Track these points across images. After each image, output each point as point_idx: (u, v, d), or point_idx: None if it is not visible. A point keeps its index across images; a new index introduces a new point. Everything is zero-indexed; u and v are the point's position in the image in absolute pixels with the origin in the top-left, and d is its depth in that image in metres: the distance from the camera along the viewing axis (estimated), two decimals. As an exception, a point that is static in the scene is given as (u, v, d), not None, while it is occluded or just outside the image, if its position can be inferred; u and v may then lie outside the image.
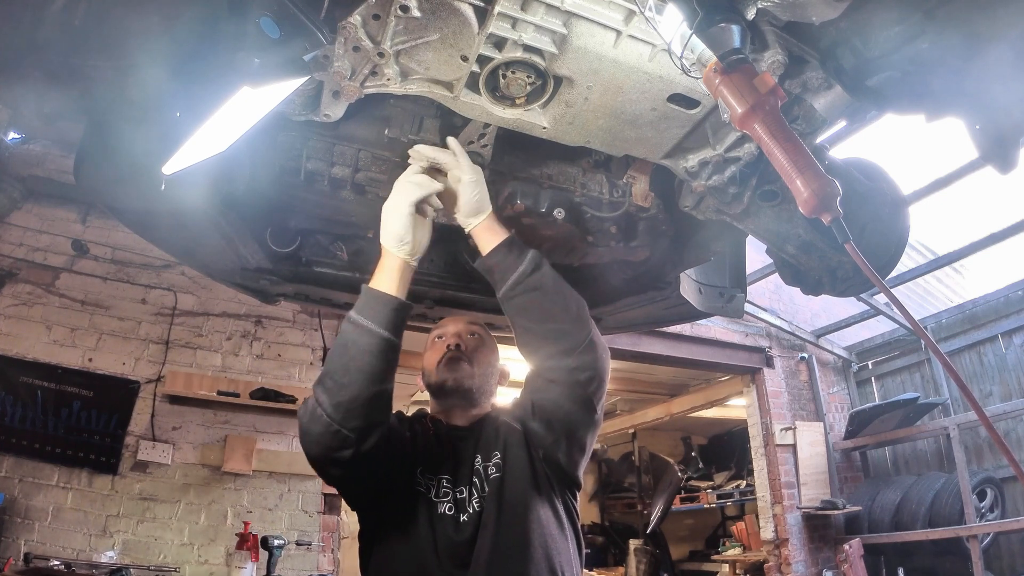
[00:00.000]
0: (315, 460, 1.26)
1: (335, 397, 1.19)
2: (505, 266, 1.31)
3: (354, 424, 1.19)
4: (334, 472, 1.28)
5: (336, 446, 1.20)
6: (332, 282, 1.71)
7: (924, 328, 0.97)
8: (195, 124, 1.09)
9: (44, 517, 3.25)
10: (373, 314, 1.23)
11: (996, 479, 4.98)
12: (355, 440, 1.20)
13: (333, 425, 1.18)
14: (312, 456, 1.25)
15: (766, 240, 1.50)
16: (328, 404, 1.19)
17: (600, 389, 1.37)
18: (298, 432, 1.27)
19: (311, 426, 1.21)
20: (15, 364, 3.39)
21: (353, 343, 1.21)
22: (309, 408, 1.22)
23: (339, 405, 1.18)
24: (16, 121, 2.43)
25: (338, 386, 1.19)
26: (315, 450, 1.24)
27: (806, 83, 1.13)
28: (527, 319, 1.33)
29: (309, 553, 3.68)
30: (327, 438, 1.20)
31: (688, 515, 7.65)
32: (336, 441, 1.20)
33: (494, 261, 1.32)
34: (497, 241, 1.32)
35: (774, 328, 5.86)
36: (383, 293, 1.25)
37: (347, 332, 1.23)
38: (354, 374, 1.19)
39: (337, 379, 1.20)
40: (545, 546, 1.27)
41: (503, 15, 1.04)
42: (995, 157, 1.06)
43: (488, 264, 1.34)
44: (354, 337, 1.22)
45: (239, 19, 0.95)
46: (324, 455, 1.23)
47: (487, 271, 1.35)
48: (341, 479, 1.32)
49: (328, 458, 1.23)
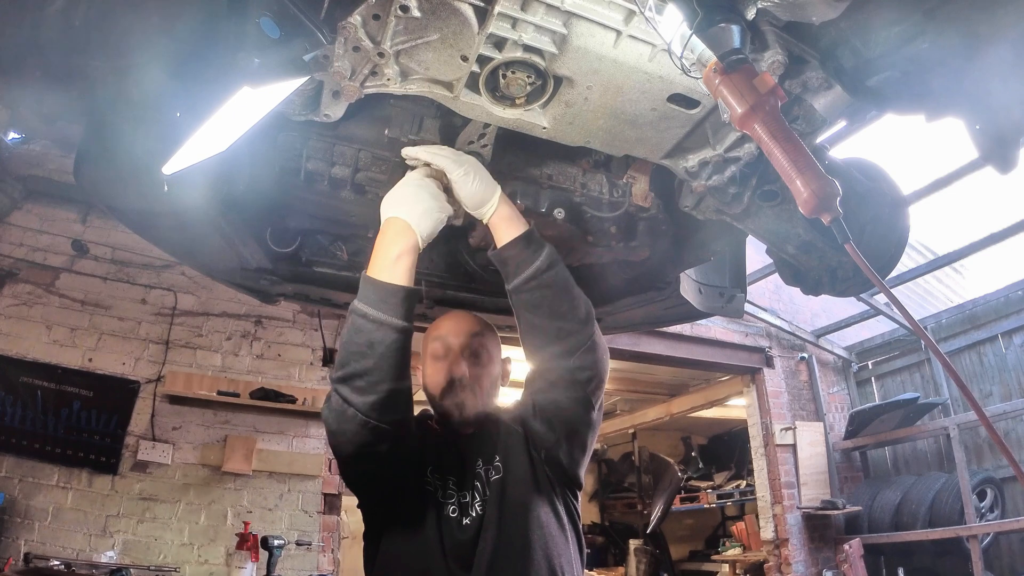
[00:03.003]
0: (350, 458, 1.26)
1: (369, 395, 1.18)
2: (521, 259, 1.30)
3: (391, 417, 1.20)
4: (368, 468, 1.27)
5: (373, 441, 1.20)
6: (332, 282, 1.71)
7: (924, 328, 0.97)
8: (195, 124, 1.09)
9: (44, 517, 3.25)
10: (393, 308, 1.20)
11: (996, 479, 4.98)
12: (392, 432, 1.21)
13: (371, 422, 1.18)
14: (346, 455, 1.25)
15: (766, 240, 1.50)
16: (361, 403, 1.18)
17: (599, 389, 1.37)
18: (328, 434, 1.27)
19: (344, 427, 1.20)
20: (15, 364, 3.39)
21: (380, 341, 1.19)
22: (337, 409, 1.20)
23: (375, 404, 1.18)
24: (16, 121, 2.43)
25: (370, 385, 1.18)
26: (349, 449, 1.23)
27: (806, 83, 1.13)
28: (535, 315, 1.32)
29: (309, 553, 3.69)
30: (363, 435, 1.20)
31: (688, 515, 7.66)
32: (373, 436, 1.20)
33: (510, 253, 1.31)
34: (516, 233, 1.31)
35: (774, 328, 5.86)
36: (397, 285, 1.21)
37: (367, 329, 1.19)
38: (385, 371, 1.19)
39: (368, 377, 1.18)
40: (546, 547, 1.28)
41: (503, 15, 1.04)
42: (995, 157, 1.06)
43: (503, 255, 1.32)
44: (379, 336, 1.19)
45: (239, 19, 0.95)
46: (360, 452, 1.23)
47: (501, 262, 1.33)
48: (373, 474, 1.30)
49: (364, 455, 1.23)
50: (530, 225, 1.33)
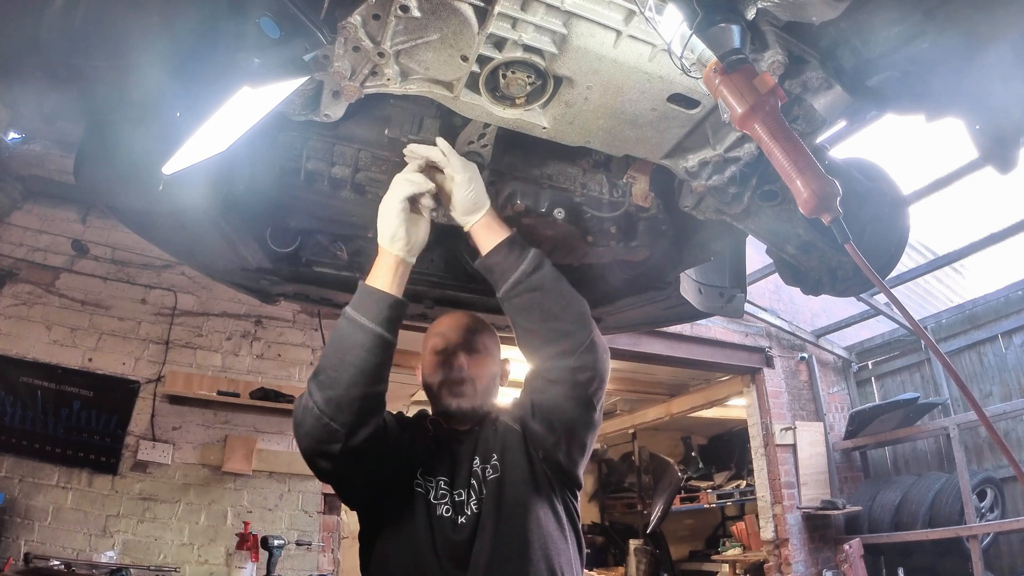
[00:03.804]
0: (305, 452, 1.28)
1: (327, 392, 1.20)
2: (505, 266, 1.30)
3: (344, 419, 1.20)
4: (323, 465, 1.28)
5: (326, 439, 1.22)
6: (332, 282, 1.71)
7: (924, 328, 0.97)
8: (195, 124, 1.09)
9: (44, 517, 3.25)
10: (367, 310, 1.23)
11: (996, 479, 4.98)
12: (344, 435, 1.21)
13: (324, 419, 1.20)
14: (302, 448, 1.28)
15: (766, 240, 1.50)
16: (320, 398, 1.20)
17: (600, 389, 1.36)
18: (292, 424, 1.29)
19: (304, 418, 1.23)
20: (15, 364, 3.39)
21: (347, 338, 1.22)
22: (303, 401, 1.24)
23: (331, 400, 1.20)
24: (16, 121, 2.43)
25: (330, 380, 1.20)
26: (305, 442, 1.26)
27: (806, 83, 1.13)
28: (528, 319, 1.31)
29: (309, 553, 3.69)
30: (317, 431, 1.22)
31: (688, 515, 7.66)
32: (325, 434, 1.21)
33: (494, 261, 1.31)
34: (497, 240, 1.31)
35: (774, 328, 5.86)
36: (378, 290, 1.25)
37: (342, 328, 1.24)
38: (347, 369, 1.20)
39: (330, 374, 1.21)
40: (544, 547, 1.27)
41: (503, 15, 1.04)
42: (995, 157, 1.06)
43: (488, 264, 1.32)
44: (348, 333, 1.22)
45: (239, 19, 0.95)
46: (313, 448, 1.25)
47: (487, 271, 1.33)
48: (330, 473, 1.32)
49: (317, 451, 1.25)
50: (512, 231, 1.33)
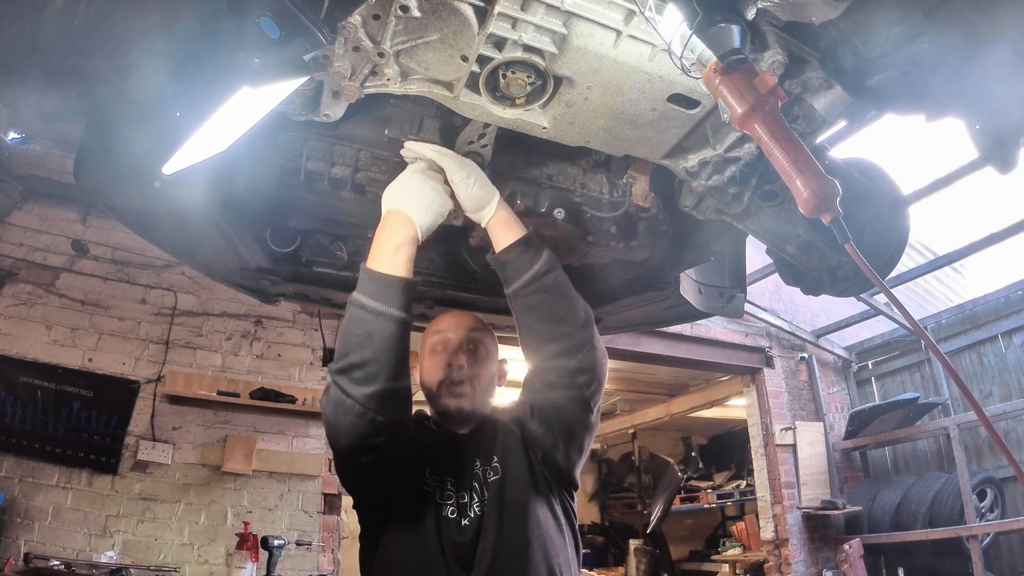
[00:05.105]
0: (345, 450, 1.25)
1: (367, 387, 1.18)
2: (519, 264, 1.31)
3: (390, 411, 1.20)
4: (364, 461, 1.26)
5: (371, 434, 1.20)
6: (332, 282, 1.71)
7: (924, 328, 0.97)
8: (195, 124, 1.09)
9: (44, 517, 3.25)
10: (392, 299, 1.20)
11: (996, 479, 4.98)
12: (389, 426, 1.21)
13: (368, 414, 1.18)
14: (342, 446, 1.24)
15: (766, 240, 1.50)
16: (360, 394, 1.17)
17: (598, 392, 1.37)
18: (325, 427, 1.26)
19: (341, 418, 1.20)
20: (15, 364, 3.39)
21: (378, 332, 1.19)
22: (334, 400, 1.20)
23: (374, 395, 1.18)
24: (16, 121, 2.43)
25: (368, 376, 1.18)
26: (345, 440, 1.23)
27: (806, 83, 1.13)
28: (534, 318, 1.33)
29: (309, 553, 3.69)
30: (360, 427, 1.19)
31: (688, 515, 7.66)
32: (371, 429, 1.19)
33: (508, 258, 1.32)
34: (514, 238, 1.32)
35: (774, 328, 5.86)
36: (396, 276, 1.22)
37: (366, 320, 1.19)
38: (384, 363, 1.18)
39: (367, 369, 1.18)
40: (544, 548, 1.28)
41: (503, 15, 1.04)
42: (995, 157, 1.06)
43: (502, 260, 1.33)
44: (378, 326, 1.19)
45: (239, 19, 0.95)
46: (357, 444, 1.22)
47: (500, 266, 1.34)
48: (369, 470, 1.29)
49: (361, 447, 1.22)
50: (528, 229, 1.34)
